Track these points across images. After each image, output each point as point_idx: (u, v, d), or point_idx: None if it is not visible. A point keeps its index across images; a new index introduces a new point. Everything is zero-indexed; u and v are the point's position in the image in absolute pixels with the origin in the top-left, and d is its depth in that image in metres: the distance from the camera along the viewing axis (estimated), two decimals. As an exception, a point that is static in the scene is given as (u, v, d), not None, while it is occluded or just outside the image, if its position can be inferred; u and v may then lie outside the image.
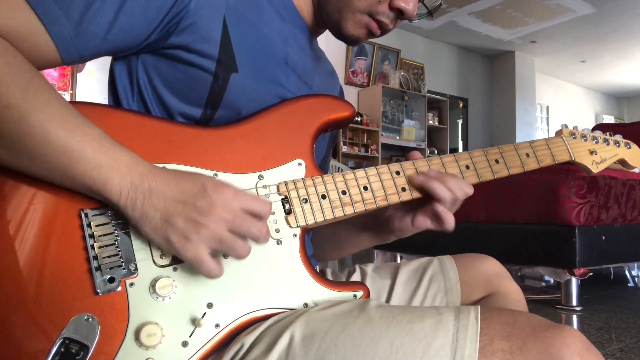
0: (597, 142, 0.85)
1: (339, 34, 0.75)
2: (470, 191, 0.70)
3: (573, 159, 0.82)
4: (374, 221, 0.80)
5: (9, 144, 0.50)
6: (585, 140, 0.84)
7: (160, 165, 0.58)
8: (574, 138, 0.83)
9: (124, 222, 0.55)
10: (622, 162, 0.88)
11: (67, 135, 0.51)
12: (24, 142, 0.50)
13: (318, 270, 0.71)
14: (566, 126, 0.85)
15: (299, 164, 0.66)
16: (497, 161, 0.75)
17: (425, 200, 0.71)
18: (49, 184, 0.53)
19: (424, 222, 0.74)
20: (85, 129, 0.52)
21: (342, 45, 6.72)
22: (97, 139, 0.52)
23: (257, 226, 0.55)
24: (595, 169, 0.84)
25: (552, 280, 2.92)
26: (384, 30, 0.74)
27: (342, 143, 6.31)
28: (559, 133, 0.84)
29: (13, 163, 0.52)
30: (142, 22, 0.60)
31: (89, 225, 0.54)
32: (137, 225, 0.54)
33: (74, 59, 0.59)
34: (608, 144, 0.86)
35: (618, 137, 0.88)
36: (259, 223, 0.56)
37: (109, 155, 0.52)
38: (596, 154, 0.84)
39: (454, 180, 0.69)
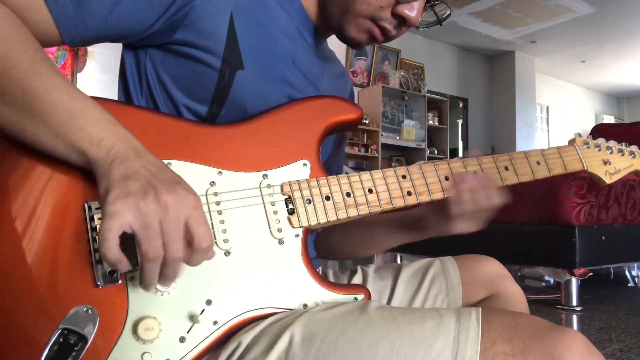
0: (611, 152, 0.83)
1: (342, 37, 0.75)
2: (498, 201, 0.71)
3: (585, 168, 0.80)
4: (409, 221, 0.81)
5: (12, 100, 0.51)
6: (599, 150, 0.83)
7: (166, 161, 0.59)
8: (587, 147, 0.82)
9: None
10: (637, 173, 0.86)
11: (72, 98, 0.52)
12: (26, 98, 0.51)
13: (320, 272, 0.71)
14: (579, 135, 0.83)
15: (304, 164, 0.66)
16: (506, 168, 0.74)
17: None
18: (56, 177, 0.54)
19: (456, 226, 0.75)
20: (87, 99, 0.53)
21: (342, 45, 6.68)
22: (100, 108, 0.54)
23: (176, 246, 0.49)
24: (608, 180, 0.82)
25: (552, 280, 2.92)
26: (387, 36, 0.73)
27: (342, 143, 6.30)
28: (571, 142, 0.82)
29: (12, 121, 0.51)
30: (145, 9, 0.60)
31: (92, 218, 0.54)
32: (101, 179, 0.51)
33: (74, 39, 0.59)
34: (623, 155, 0.84)
35: (634, 148, 0.86)
36: (180, 247, 0.49)
37: (111, 121, 0.53)
38: (610, 164, 0.82)
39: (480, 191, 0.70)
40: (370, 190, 0.67)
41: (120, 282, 0.54)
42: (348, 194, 0.66)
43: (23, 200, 0.53)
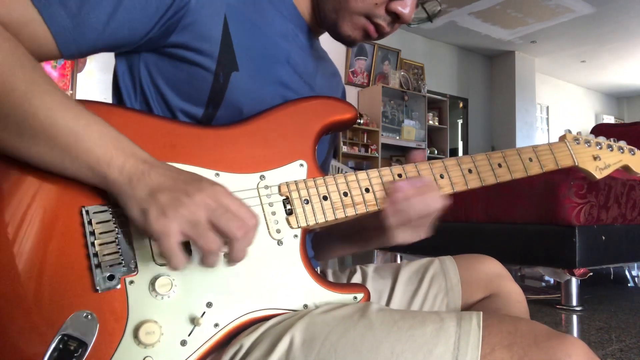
0: (600, 148, 0.84)
1: (336, 35, 0.75)
2: (438, 206, 0.67)
3: (576, 164, 0.81)
4: (352, 233, 0.80)
5: (13, 125, 0.50)
6: (589, 146, 0.84)
7: None
8: (578, 143, 0.83)
9: (125, 219, 0.55)
10: (626, 168, 0.87)
11: (73, 117, 0.51)
12: (28, 122, 0.50)
13: (319, 271, 0.71)
14: (570, 131, 0.84)
15: (301, 165, 0.66)
16: (499, 165, 0.75)
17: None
18: (51, 182, 0.53)
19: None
20: (89, 115, 0.53)
21: (342, 45, 6.68)
22: (102, 123, 0.53)
23: (237, 223, 0.52)
24: (599, 175, 0.83)
25: (552, 280, 2.92)
26: (381, 33, 0.74)
27: (342, 143, 6.30)
28: (562, 138, 0.83)
29: (16, 145, 0.51)
30: (142, 18, 0.60)
31: (89, 223, 0.54)
32: (125, 201, 0.52)
33: (72, 52, 0.58)
34: (612, 150, 0.85)
35: (622, 143, 0.87)
36: (240, 221, 0.52)
37: (114, 137, 0.53)
38: (600, 159, 0.83)
39: (420, 198, 0.66)
40: (367, 190, 0.68)
41: (119, 286, 0.54)
42: (345, 194, 0.66)
43: (18, 206, 0.52)
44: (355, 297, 0.63)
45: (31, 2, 0.54)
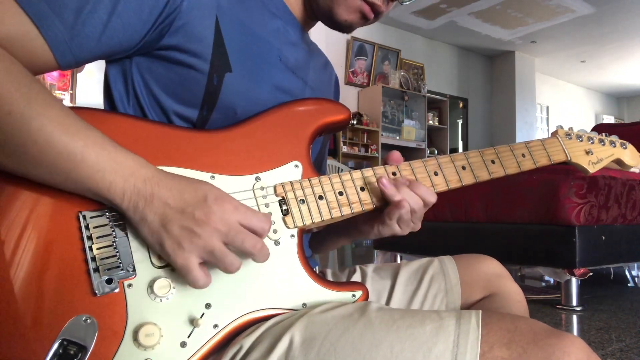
0: (592, 143, 0.85)
1: (332, 22, 0.75)
2: (432, 200, 0.68)
3: (569, 159, 0.82)
4: (345, 225, 0.80)
5: (12, 151, 0.50)
6: (581, 141, 0.84)
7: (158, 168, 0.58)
8: (570, 138, 0.83)
9: (122, 223, 0.55)
10: (618, 162, 0.89)
11: (70, 139, 0.50)
12: (27, 148, 0.50)
13: (318, 271, 0.71)
14: (561, 127, 0.85)
15: (296, 165, 0.66)
16: (493, 162, 0.75)
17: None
18: (47, 187, 0.53)
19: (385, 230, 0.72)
20: (87, 133, 0.52)
21: (342, 46, 6.71)
22: (100, 143, 0.52)
23: (251, 241, 0.54)
24: (592, 169, 0.84)
25: (552, 280, 2.92)
26: (377, 13, 0.74)
27: (342, 143, 6.31)
28: (554, 134, 0.84)
29: (16, 168, 0.51)
30: (136, 23, 0.60)
31: (86, 227, 0.54)
32: (137, 227, 0.54)
33: (69, 63, 0.58)
34: (604, 144, 0.86)
35: (614, 138, 0.88)
36: (253, 238, 0.54)
37: (112, 158, 0.52)
38: (592, 154, 0.84)
39: (408, 190, 0.67)
40: (362, 189, 0.68)
41: (118, 289, 0.53)
42: (341, 193, 0.67)
43: (16, 213, 0.52)
44: (354, 295, 0.63)
45: (26, 15, 0.53)
